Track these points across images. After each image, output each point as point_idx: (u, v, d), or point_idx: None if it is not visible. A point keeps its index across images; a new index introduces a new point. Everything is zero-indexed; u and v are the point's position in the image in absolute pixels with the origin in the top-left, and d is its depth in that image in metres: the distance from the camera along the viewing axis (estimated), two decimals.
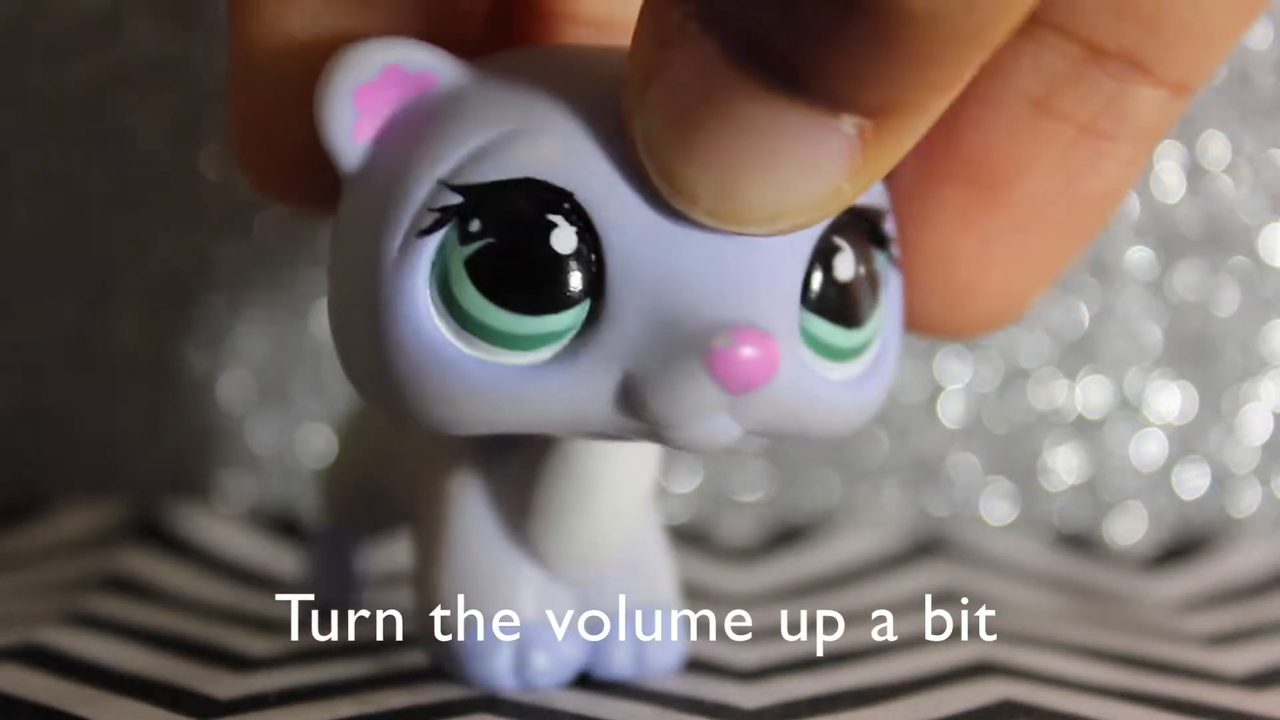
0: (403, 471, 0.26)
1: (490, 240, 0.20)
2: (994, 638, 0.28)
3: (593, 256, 0.20)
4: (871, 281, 0.22)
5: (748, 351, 0.19)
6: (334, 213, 0.22)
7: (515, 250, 0.20)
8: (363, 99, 0.21)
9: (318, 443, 0.38)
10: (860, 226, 0.21)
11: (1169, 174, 0.37)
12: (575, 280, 0.20)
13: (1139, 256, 0.37)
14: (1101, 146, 0.22)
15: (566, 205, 0.20)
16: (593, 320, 0.20)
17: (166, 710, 0.24)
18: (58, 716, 0.23)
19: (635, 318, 0.20)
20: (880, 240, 0.22)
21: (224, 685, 0.25)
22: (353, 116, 0.21)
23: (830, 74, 0.18)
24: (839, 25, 0.17)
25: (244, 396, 0.38)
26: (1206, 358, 0.38)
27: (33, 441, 0.39)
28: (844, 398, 0.21)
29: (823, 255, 0.21)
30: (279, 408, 0.38)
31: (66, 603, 0.30)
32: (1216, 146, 0.37)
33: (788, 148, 0.18)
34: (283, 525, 0.36)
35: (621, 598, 0.25)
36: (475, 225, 0.20)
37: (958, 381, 0.38)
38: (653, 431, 0.20)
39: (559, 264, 0.20)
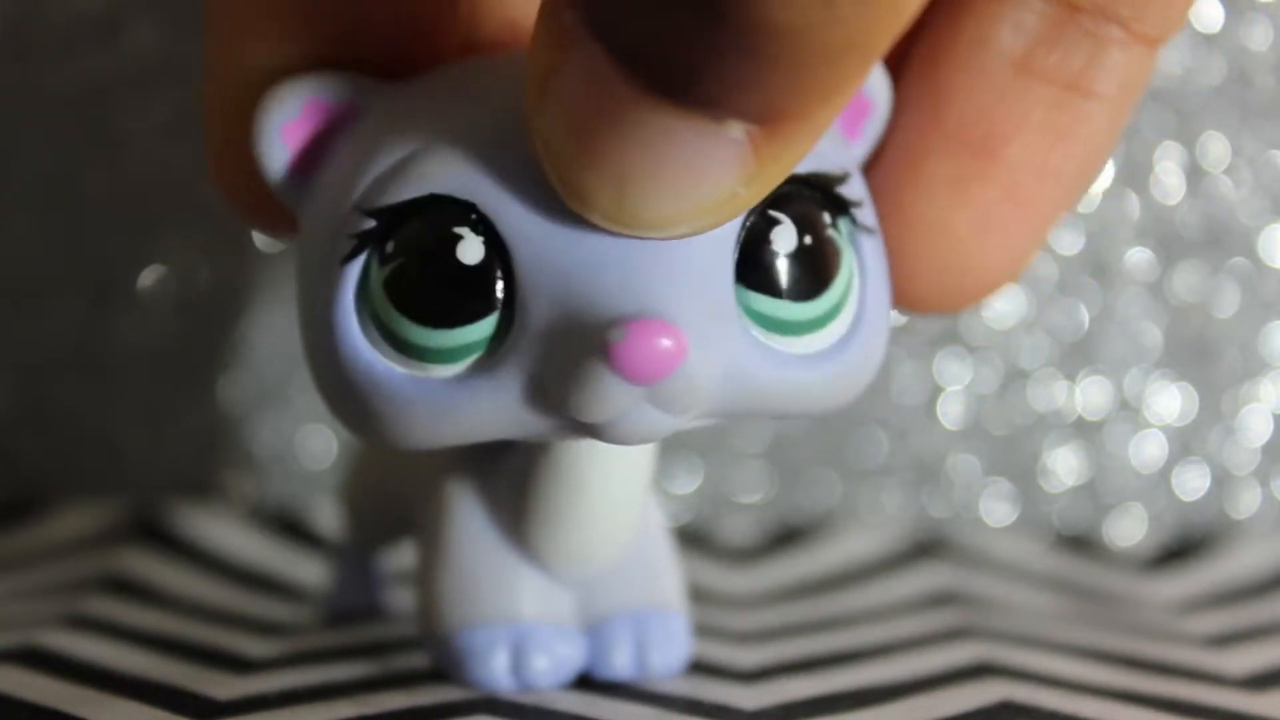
0: (413, 482, 0.26)
1: (403, 259, 0.20)
2: (994, 638, 0.28)
3: (502, 265, 0.20)
4: (825, 249, 0.21)
5: (644, 343, 0.19)
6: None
7: (426, 266, 0.20)
8: (289, 136, 0.22)
9: (318, 443, 0.38)
10: (804, 195, 0.21)
11: (1169, 175, 0.37)
12: (485, 290, 0.20)
13: (1139, 258, 0.37)
14: (1085, 104, 0.22)
15: (473, 217, 0.20)
16: (507, 327, 0.20)
17: (166, 711, 0.24)
18: (57, 718, 0.23)
19: (544, 322, 0.20)
20: (838, 205, 0.21)
21: (224, 686, 0.25)
22: (283, 154, 0.22)
23: (708, 82, 0.18)
24: (710, 35, 0.17)
25: (244, 396, 0.38)
26: (1206, 359, 0.38)
27: (33, 441, 0.39)
28: (816, 370, 0.21)
29: (759, 230, 0.21)
30: (279, 408, 0.38)
31: (66, 604, 0.30)
32: (1216, 147, 0.37)
33: (676, 155, 0.18)
34: (283, 525, 0.36)
35: (622, 599, 0.25)
36: (390, 247, 0.21)
37: (958, 382, 0.38)
38: (585, 430, 0.20)
39: (467, 276, 0.20)
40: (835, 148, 0.22)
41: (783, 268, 0.21)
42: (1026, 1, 0.22)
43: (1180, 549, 0.36)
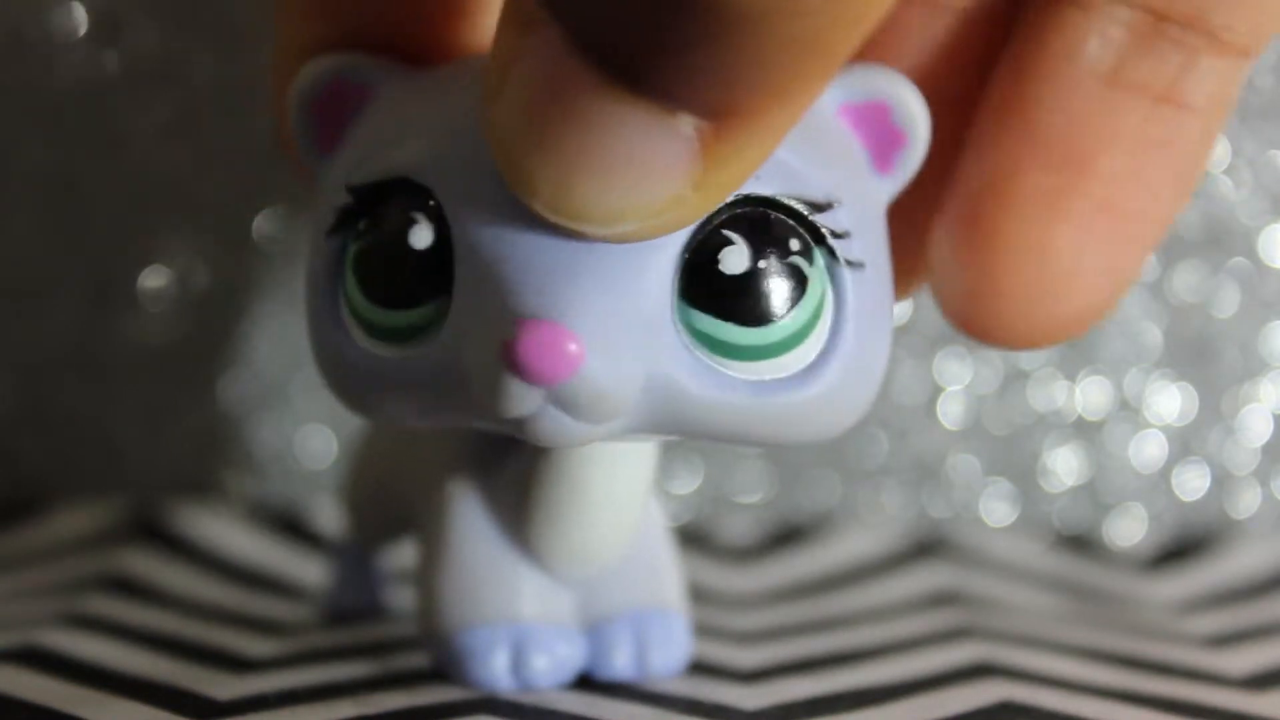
0: (413, 481, 0.26)
1: (369, 239, 0.21)
2: (994, 638, 0.28)
3: (448, 252, 0.20)
4: (779, 276, 0.20)
5: (533, 343, 0.19)
6: None
7: (382, 247, 0.21)
8: (319, 113, 0.22)
9: (318, 443, 0.38)
10: (769, 219, 0.20)
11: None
12: (429, 274, 0.20)
13: None
14: (1178, 116, 0.22)
15: (432, 203, 0.20)
16: (444, 314, 0.20)
17: (166, 711, 0.24)
18: (57, 717, 0.23)
19: (469, 312, 0.20)
20: (813, 235, 0.21)
21: (224, 686, 0.25)
22: (314, 131, 0.22)
23: (664, 69, 0.17)
24: (672, 20, 0.17)
25: (244, 396, 0.38)
26: (1206, 359, 0.38)
27: (33, 441, 0.39)
28: (770, 398, 0.21)
29: (708, 248, 0.20)
30: (279, 408, 0.38)
31: (66, 603, 0.30)
32: (1216, 148, 0.37)
33: (625, 146, 0.18)
34: (283, 525, 0.36)
35: (623, 600, 0.25)
36: (362, 224, 0.21)
37: (958, 382, 0.38)
38: (505, 426, 0.20)
39: (414, 260, 0.21)
40: (825, 173, 0.21)
41: (729, 289, 0.20)
42: (1112, 13, 0.21)
43: (1180, 549, 0.36)
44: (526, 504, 0.24)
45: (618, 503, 0.24)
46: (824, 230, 0.21)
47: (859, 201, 0.21)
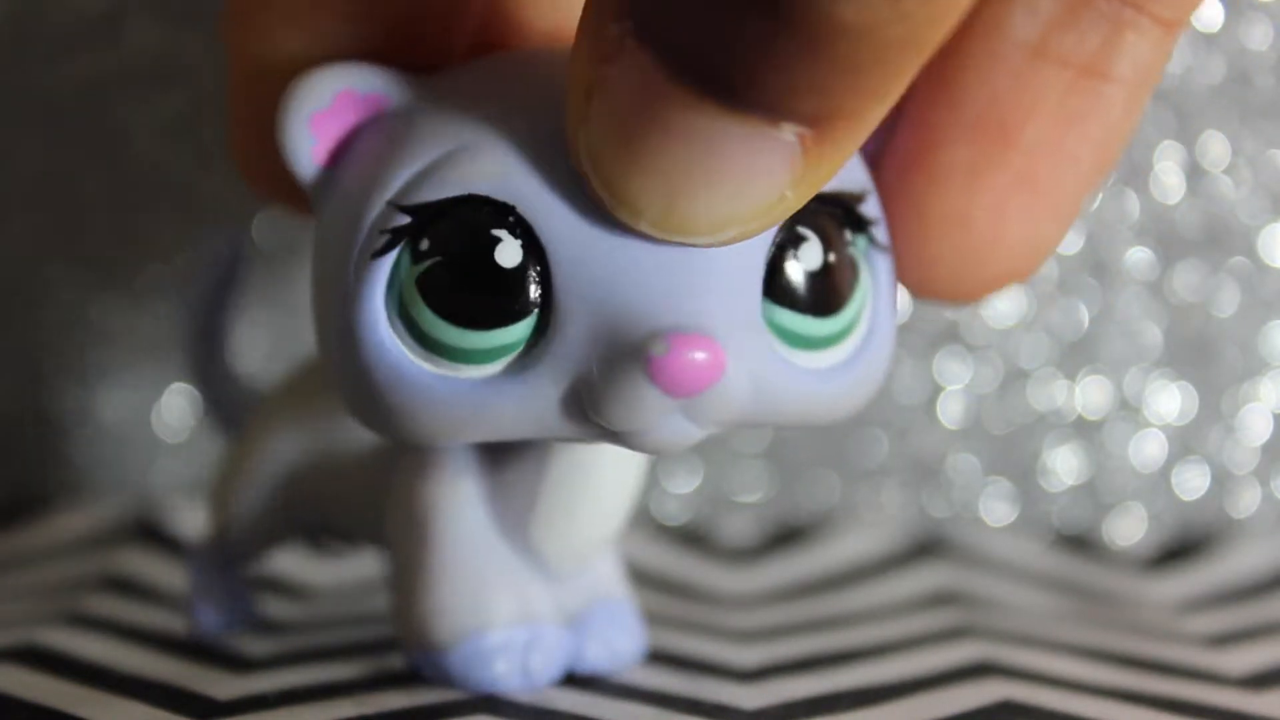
0: (355, 488, 0.26)
1: (438, 258, 0.20)
2: (993, 638, 0.28)
3: (539, 269, 0.20)
4: (845, 267, 0.21)
5: (686, 357, 0.19)
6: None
7: (462, 266, 0.20)
8: (318, 125, 0.21)
9: None
10: (828, 213, 0.21)
11: (1169, 174, 0.37)
12: (522, 293, 0.20)
13: (1139, 257, 0.37)
14: (1102, 88, 0.22)
15: (511, 219, 0.20)
16: (542, 331, 0.20)
17: (166, 710, 0.24)
18: (57, 717, 0.23)
19: (581, 328, 0.20)
20: (857, 223, 0.22)
21: (223, 686, 0.25)
22: (310, 143, 0.22)
23: (766, 85, 0.18)
24: (772, 37, 0.17)
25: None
26: (1206, 358, 0.38)
27: (33, 441, 0.39)
28: (828, 385, 0.21)
29: (787, 246, 0.21)
30: None
31: (66, 603, 0.30)
32: (1216, 147, 0.37)
33: (729, 159, 0.18)
34: None
35: (590, 593, 0.25)
36: (425, 244, 0.20)
37: (957, 382, 0.38)
38: (614, 436, 0.20)
39: (504, 278, 0.20)
40: (854, 165, 0.22)
41: (807, 283, 0.21)
42: None
43: (1180, 549, 0.36)
44: (528, 504, 0.24)
45: (616, 498, 0.24)
46: (865, 218, 0.22)
47: (873, 188, 0.22)
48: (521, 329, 0.20)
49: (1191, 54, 0.37)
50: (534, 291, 0.20)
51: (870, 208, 0.22)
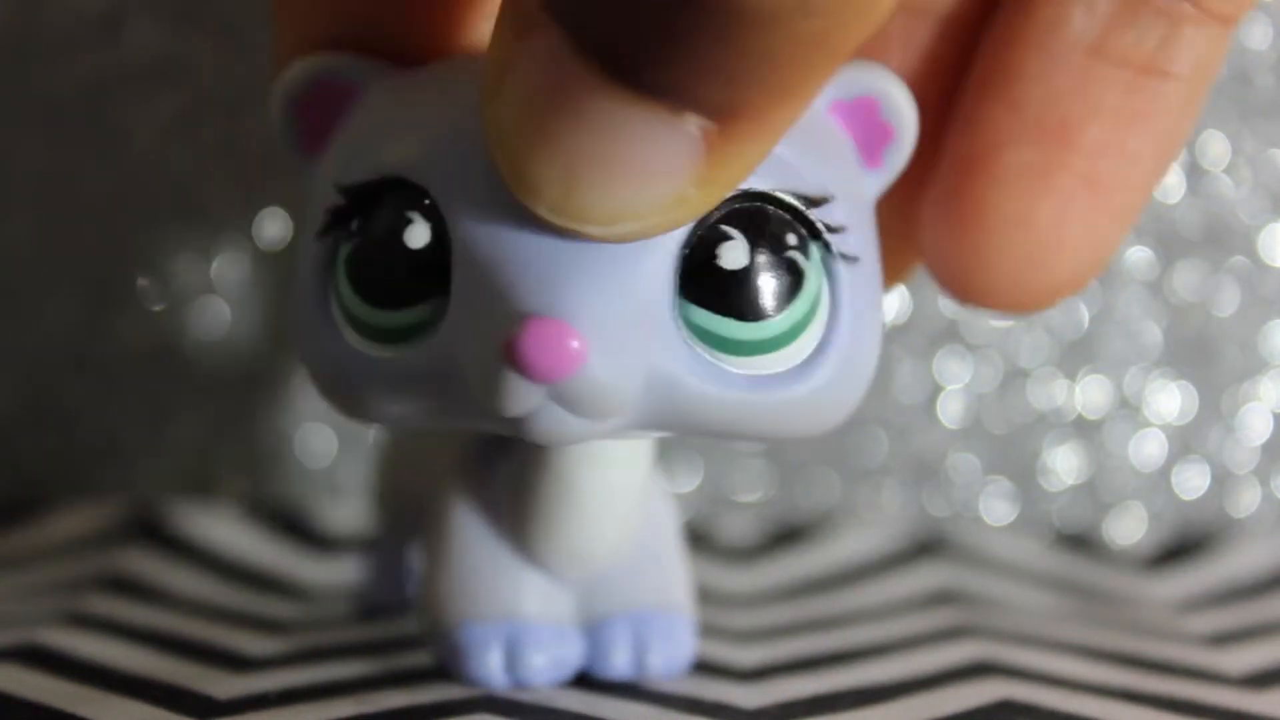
0: (425, 480, 0.26)
1: (361, 239, 0.21)
2: (993, 637, 0.28)
3: (446, 252, 0.20)
4: (777, 271, 0.20)
5: (536, 340, 0.19)
6: None
7: (376, 247, 0.21)
8: (303, 112, 0.22)
9: (318, 442, 0.38)
10: (769, 213, 0.21)
11: (1169, 174, 0.37)
12: (425, 274, 0.20)
13: (1139, 256, 0.37)
14: (1161, 86, 0.22)
15: (427, 202, 0.20)
16: (442, 314, 0.20)
17: (166, 710, 0.24)
18: (58, 716, 0.23)
19: (469, 311, 0.20)
20: (809, 229, 0.21)
21: (223, 685, 0.25)
22: (297, 129, 0.22)
23: (671, 69, 0.17)
24: (681, 20, 0.17)
25: (244, 396, 0.38)
26: (1206, 358, 0.38)
27: (33, 441, 0.39)
28: (770, 393, 0.21)
29: (708, 244, 0.20)
30: (279, 408, 0.38)
31: (66, 603, 0.30)
32: (1216, 146, 0.37)
33: (629, 147, 0.18)
34: (283, 524, 0.36)
35: (624, 599, 0.25)
36: (354, 224, 0.21)
37: (957, 381, 0.38)
38: (506, 425, 0.20)
39: (410, 259, 0.20)
40: (820, 169, 0.21)
41: (729, 285, 0.20)
42: None
43: (1180, 548, 0.36)
44: (522, 504, 0.24)
45: (612, 502, 0.24)
46: (819, 225, 0.21)
47: (851, 196, 0.21)
48: (426, 311, 0.21)
49: None
50: (439, 274, 0.20)
51: (832, 214, 0.21)
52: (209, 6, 0.37)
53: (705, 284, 0.20)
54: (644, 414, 0.20)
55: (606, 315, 0.20)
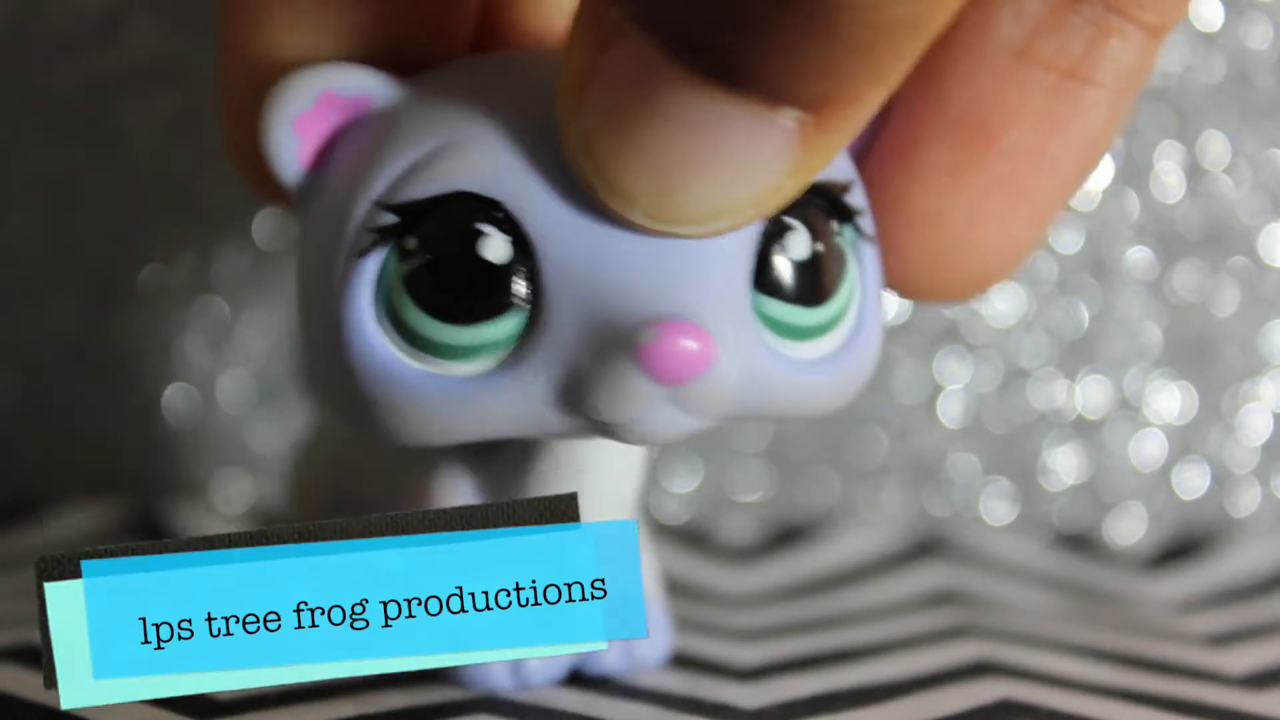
0: (382, 478, 0.26)
1: (426, 256, 0.20)
2: (993, 637, 0.28)
3: (527, 263, 0.20)
4: (832, 257, 0.21)
5: (675, 344, 0.19)
6: None
7: (448, 263, 0.20)
8: (301, 127, 0.22)
9: None
10: (814, 203, 0.21)
11: (1169, 174, 0.37)
12: (508, 288, 0.20)
13: (1139, 256, 0.37)
14: (1084, 92, 0.22)
15: (498, 215, 0.20)
16: (532, 326, 0.20)
17: (166, 711, 0.24)
18: (57, 717, 0.23)
19: (570, 320, 0.20)
20: (844, 213, 0.22)
21: None
22: (294, 145, 0.22)
23: (768, 66, 0.18)
24: (775, 17, 0.17)
25: (244, 396, 0.38)
26: (1206, 358, 0.38)
27: (33, 441, 0.39)
28: (817, 375, 0.21)
29: (774, 236, 0.21)
30: (279, 408, 0.38)
31: None
32: (1216, 146, 0.37)
33: (727, 144, 0.18)
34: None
35: None
36: (411, 243, 0.21)
37: (957, 381, 0.38)
38: (605, 429, 0.20)
39: (491, 273, 0.20)
40: (840, 156, 0.22)
41: (795, 274, 0.21)
42: None
43: (1180, 548, 0.36)
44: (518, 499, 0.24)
45: (608, 495, 0.24)
46: (851, 208, 0.22)
47: (858, 179, 0.22)
48: (510, 324, 0.20)
49: (1191, 54, 0.37)
50: (522, 286, 0.20)
51: (856, 198, 0.22)
52: (209, 6, 0.37)
53: (775, 274, 0.21)
54: (732, 407, 0.21)
55: (720, 313, 0.20)
